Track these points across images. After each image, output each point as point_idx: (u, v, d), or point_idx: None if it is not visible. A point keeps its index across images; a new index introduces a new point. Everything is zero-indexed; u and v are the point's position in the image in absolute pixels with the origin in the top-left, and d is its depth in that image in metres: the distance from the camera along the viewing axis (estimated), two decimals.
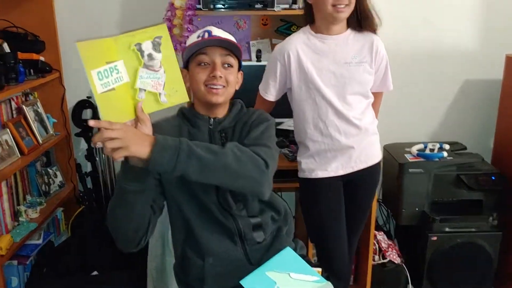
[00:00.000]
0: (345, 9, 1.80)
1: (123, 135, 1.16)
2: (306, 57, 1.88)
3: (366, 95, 1.97)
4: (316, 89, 1.88)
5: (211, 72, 1.46)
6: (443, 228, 2.56)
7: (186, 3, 2.38)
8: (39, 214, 2.53)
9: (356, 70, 1.89)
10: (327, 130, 1.92)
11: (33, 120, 2.59)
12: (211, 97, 1.47)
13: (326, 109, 1.90)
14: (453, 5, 2.88)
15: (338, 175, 1.98)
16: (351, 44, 1.91)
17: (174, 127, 1.53)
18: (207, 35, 1.47)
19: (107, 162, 2.95)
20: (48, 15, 2.70)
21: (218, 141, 1.52)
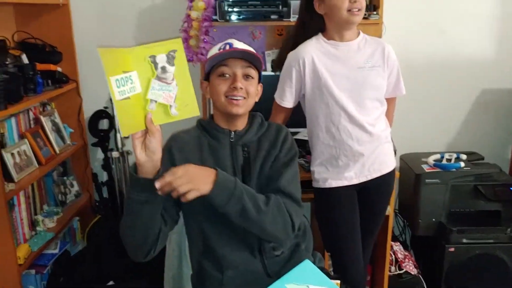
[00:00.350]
0: (359, 13, 1.84)
1: (189, 178, 1.28)
2: (320, 62, 1.89)
3: (381, 101, 1.97)
4: (329, 93, 1.89)
5: (232, 83, 1.47)
6: (461, 239, 2.53)
7: (203, 15, 2.39)
8: (55, 223, 2.56)
9: (369, 74, 1.90)
10: (339, 135, 1.92)
11: (51, 130, 2.62)
12: (232, 108, 1.48)
13: (339, 114, 1.90)
14: (469, 14, 2.87)
15: (351, 184, 1.98)
16: (363, 49, 1.93)
17: (193, 138, 1.54)
18: (228, 47, 1.49)
19: (123, 172, 2.96)
20: (65, 26, 2.73)
21: (240, 155, 1.52)
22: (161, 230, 1.41)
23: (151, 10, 2.81)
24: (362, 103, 1.90)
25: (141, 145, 1.26)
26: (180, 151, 1.49)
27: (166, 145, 1.51)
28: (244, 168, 1.52)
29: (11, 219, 2.21)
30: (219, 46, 1.51)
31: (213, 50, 1.53)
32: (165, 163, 1.41)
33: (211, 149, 1.52)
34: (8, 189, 2.13)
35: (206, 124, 1.57)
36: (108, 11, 2.81)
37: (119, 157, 2.93)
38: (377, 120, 1.96)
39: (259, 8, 2.42)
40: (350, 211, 2.00)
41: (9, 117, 2.29)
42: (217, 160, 1.50)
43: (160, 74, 1.27)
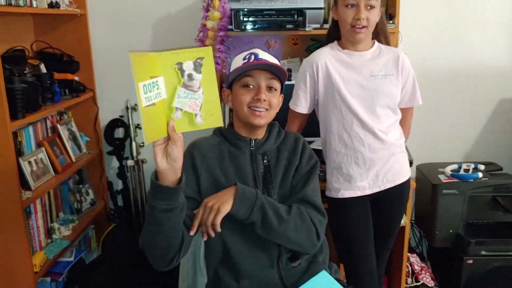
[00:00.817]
0: (362, 30, 1.84)
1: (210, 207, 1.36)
2: (334, 68, 1.91)
3: (394, 110, 1.96)
4: (342, 99, 1.89)
5: (255, 94, 1.48)
6: (479, 251, 2.48)
7: (218, 24, 2.40)
8: (71, 231, 2.57)
9: (383, 82, 1.90)
10: (351, 142, 1.91)
11: (67, 138, 2.64)
12: (254, 119, 1.49)
13: (351, 120, 1.90)
14: (487, 22, 2.84)
15: (365, 195, 1.96)
16: (377, 59, 1.93)
17: (213, 146, 1.55)
18: (253, 57, 1.49)
19: (138, 180, 2.97)
20: (83, 36, 2.77)
21: (260, 164, 1.54)
22: (184, 238, 1.40)
23: (167, 19, 2.83)
24: (374, 110, 1.90)
25: (162, 153, 1.26)
26: (202, 158, 1.50)
27: (188, 152, 1.51)
28: (265, 176, 1.53)
29: (28, 226, 2.23)
30: (244, 56, 1.52)
31: (237, 60, 1.54)
32: (188, 170, 1.45)
33: (232, 157, 1.53)
34: (25, 197, 2.15)
35: (226, 132, 1.58)
36: (125, 21, 2.84)
37: (134, 165, 2.93)
38: (389, 128, 1.94)
39: (274, 18, 2.42)
40: (363, 222, 1.98)
41: (27, 126, 2.32)
42: (238, 168, 1.51)
43: (187, 81, 1.26)
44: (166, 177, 1.27)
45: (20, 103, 2.10)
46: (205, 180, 1.48)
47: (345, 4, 1.84)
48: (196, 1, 2.62)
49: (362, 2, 1.80)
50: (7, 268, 2.16)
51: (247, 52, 1.54)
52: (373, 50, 1.95)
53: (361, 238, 1.97)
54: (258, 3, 2.40)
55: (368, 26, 1.84)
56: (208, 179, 1.49)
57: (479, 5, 2.81)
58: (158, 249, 1.38)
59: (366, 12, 1.81)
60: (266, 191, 1.51)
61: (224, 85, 1.62)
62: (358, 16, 1.81)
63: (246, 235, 1.46)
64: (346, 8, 1.83)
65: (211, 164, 1.49)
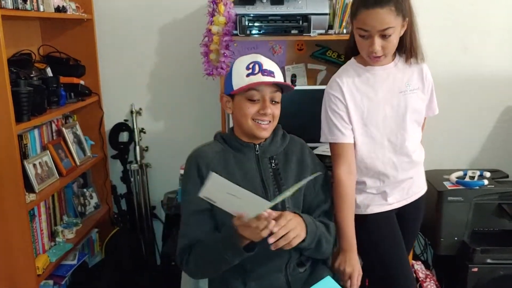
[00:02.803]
0: (380, 59, 1.68)
1: (290, 226, 1.36)
2: (360, 93, 1.74)
3: (420, 124, 1.87)
4: (373, 124, 1.75)
5: (261, 108, 1.49)
6: (485, 259, 2.45)
7: (223, 29, 2.40)
8: (75, 234, 2.57)
9: (411, 97, 1.78)
10: (383, 168, 1.80)
11: (72, 142, 2.65)
12: (259, 132, 1.51)
13: (383, 145, 1.78)
14: (493, 30, 2.82)
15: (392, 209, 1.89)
16: (402, 71, 1.78)
17: (217, 153, 1.55)
18: (257, 68, 1.48)
19: (141, 185, 2.98)
20: (89, 41, 2.79)
21: (267, 167, 1.55)
22: None
23: (172, 24, 2.84)
24: (406, 128, 1.78)
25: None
26: (207, 167, 1.51)
27: (193, 161, 1.53)
28: (275, 179, 1.55)
29: (31, 229, 2.23)
30: (247, 64, 1.50)
31: (240, 67, 1.51)
32: (195, 181, 1.49)
33: (238, 162, 1.54)
34: (29, 199, 2.15)
35: (228, 139, 1.58)
36: (131, 26, 2.86)
37: (138, 169, 2.96)
38: (417, 145, 1.87)
39: (279, 23, 2.42)
40: (396, 231, 1.88)
41: (32, 129, 2.33)
42: (245, 173, 1.53)
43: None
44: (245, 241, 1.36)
45: (26, 106, 2.11)
46: None
47: (358, 34, 1.64)
48: (202, 7, 2.62)
49: (376, 33, 1.59)
50: (10, 270, 2.16)
51: (249, 59, 1.52)
52: (396, 62, 1.78)
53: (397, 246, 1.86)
54: (263, 8, 2.40)
55: (386, 54, 1.66)
56: None
57: (485, 12, 2.80)
58: (206, 275, 1.58)
59: (381, 41, 1.60)
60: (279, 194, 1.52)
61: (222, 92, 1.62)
62: (372, 48, 1.61)
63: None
64: (359, 38, 1.64)
65: (217, 172, 1.48)
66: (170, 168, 2.89)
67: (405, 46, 1.73)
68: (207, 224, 1.49)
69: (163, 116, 2.99)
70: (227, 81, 1.55)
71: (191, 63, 2.78)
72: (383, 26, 1.57)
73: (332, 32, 2.49)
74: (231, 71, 1.55)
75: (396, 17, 1.58)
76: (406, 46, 1.73)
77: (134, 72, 2.91)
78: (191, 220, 1.49)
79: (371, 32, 1.59)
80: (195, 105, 2.93)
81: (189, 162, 1.54)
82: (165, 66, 2.91)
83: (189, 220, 1.50)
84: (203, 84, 2.71)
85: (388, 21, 1.57)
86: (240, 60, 1.54)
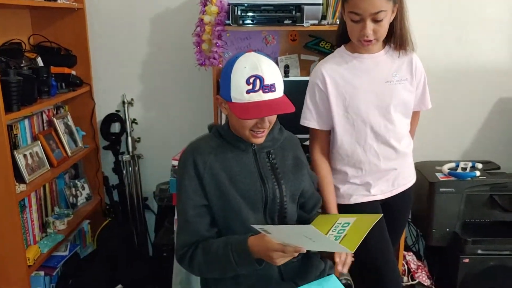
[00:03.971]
0: (371, 43, 1.69)
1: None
2: (344, 80, 1.77)
3: (408, 115, 1.87)
4: (355, 112, 1.77)
5: (259, 122, 1.45)
6: (476, 250, 2.47)
7: (215, 19, 2.38)
8: (66, 226, 2.55)
9: (397, 88, 1.78)
10: (365, 156, 1.82)
11: (63, 132, 2.63)
12: (255, 140, 1.50)
13: (365, 133, 1.80)
14: (486, 20, 2.81)
15: (377, 200, 1.90)
16: (391, 61, 1.80)
17: (214, 149, 1.52)
18: (258, 84, 1.39)
19: (133, 176, 2.97)
20: (80, 30, 2.75)
21: (264, 162, 1.56)
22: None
23: (164, 14, 2.82)
24: (390, 119, 1.79)
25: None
26: (204, 163, 1.49)
27: (190, 157, 1.51)
28: (274, 173, 1.56)
29: (22, 220, 2.22)
30: (247, 78, 1.39)
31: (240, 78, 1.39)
32: (192, 177, 1.48)
33: (235, 157, 1.53)
34: (20, 190, 2.13)
35: (225, 135, 1.55)
36: (122, 16, 2.83)
37: (130, 160, 2.94)
38: (403, 136, 1.87)
39: (272, 13, 2.40)
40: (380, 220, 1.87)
41: (22, 119, 2.30)
42: (243, 166, 1.52)
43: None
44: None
45: (15, 96, 2.08)
46: (209, 184, 1.48)
47: (350, 18, 1.65)
48: None
49: (368, 17, 1.61)
50: (0, 261, 2.14)
51: (250, 70, 1.39)
52: (385, 51, 1.80)
53: (382, 245, 1.86)
54: None
55: (377, 38, 1.67)
56: (211, 182, 1.48)
57: (479, 2, 2.79)
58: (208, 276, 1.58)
59: (373, 25, 1.62)
60: (277, 188, 1.54)
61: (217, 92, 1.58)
62: (364, 32, 1.62)
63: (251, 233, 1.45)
64: (351, 22, 1.66)
65: (215, 168, 1.49)
66: (162, 159, 2.88)
67: (394, 33, 1.74)
68: (206, 218, 1.50)
69: (155, 106, 2.97)
70: (224, 84, 1.45)
71: (183, 53, 2.76)
72: (375, 9, 1.59)
73: (326, 23, 2.47)
74: (229, 76, 1.42)
75: (388, 1, 1.61)
76: (396, 33, 1.74)
77: (126, 62, 2.89)
78: (190, 216, 1.48)
79: (363, 15, 1.61)
80: (188, 95, 2.91)
81: (185, 158, 1.51)
82: (157, 56, 2.88)
83: (188, 215, 1.48)
84: (195, 74, 2.70)
85: (380, 5, 1.59)
86: (240, 69, 1.41)
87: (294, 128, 1.78)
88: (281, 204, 1.55)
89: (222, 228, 1.53)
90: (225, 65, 1.47)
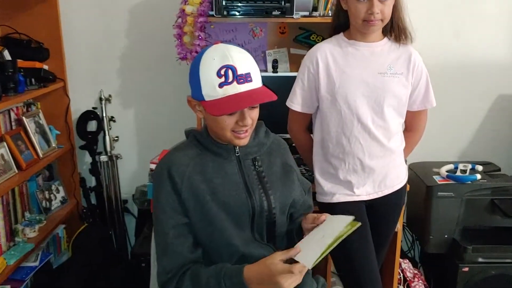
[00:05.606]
0: (377, 23, 1.67)
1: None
2: (336, 65, 1.74)
3: (401, 113, 1.81)
4: (343, 99, 1.72)
5: (240, 119, 1.30)
6: (476, 258, 2.36)
7: (198, 9, 2.22)
8: (37, 233, 2.38)
9: (391, 81, 1.74)
10: (349, 148, 1.76)
11: (34, 132, 2.44)
12: (238, 141, 1.35)
13: (352, 123, 1.74)
14: (486, 15, 2.69)
15: (360, 200, 1.81)
16: (387, 53, 1.76)
17: (192, 159, 1.36)
18: (231, 75, 1.24)
19: (112, 177, 2.80)
20: (53, 21, 2.55)
21: (250, 170, 1.41)
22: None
23: (144, 4, 2.64)
24: (380, 113, 1.74)
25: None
26: (181, 176, 1.33)
27: (165, 171, 1.34)
28: (261, 183, 1.41)
29: None
30: (217, 70, 1.24)
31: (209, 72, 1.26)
32: (169, 193, 1.32)
33: (217, 167, 1.37)
34: None
35: (204, 141, 1.39)
36: (99, 5, 2.64)
37: (108, 161, 2.79)
38: (392, 133, 1.79)
39: (260, 3, 2.23)
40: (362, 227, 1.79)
41: None
42: (226, 177, 1.37)
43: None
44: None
45: None
46: (188, 199, 1.32)
47: None
48: None
49: None
50: None
51: (218, 61, 1.25)
52: (383, 43, 1.77)
53: (361, 241, 1.78)
54: None
55: (383, 19, 1.67)
56: (191, 197, 1.32)
57: None
58: None
59: (380, 4, 1.64)
60: (265, 199, 1.39)
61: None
62: (372, 10, 1.63)
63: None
64: (357, 2, 1.65)
65: (194, 181, 1.32)
66: (142, 159, 2.79)
67: (393, 22, 1.74)
68: (188, 238, 1.34)
69: (135, 103, 2.80)
70: (193, 83, 1.31)
71: (164, 47, 2.59)
72: None
73: (317, 14, 2.33)
74: (197, 72, 1.28)
75: None
76: (394, 22, 1.74)
77: (103, 55, 2.71)
78: (171, 237, 1.33)
79: None
80: (169, 91, 2.75)
81: (160, 171, 1.35)
82: (137, 49, 2.71)
83: (168, 237, 1.33)
84: (177, 69, 2.52)
85: None
86: (208, 62, 1.27)
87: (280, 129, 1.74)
88: (269, 217, 1.40)
89: (206, 248, 1.38)
90: (192, 62, 1.33)
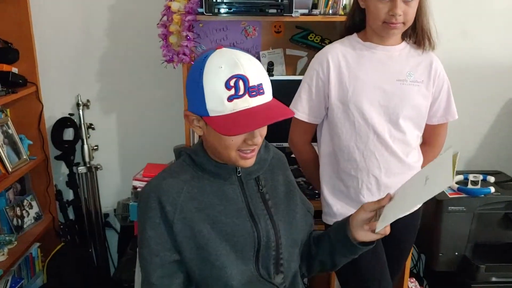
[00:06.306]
0: (398, 26, 1.53)
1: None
2: (349, 70, 1.58)
3: (419, 125, 1.65)
4: (357, 109, 1.57)
5: (249, 138, 1.11)
6: (489, 277, 2.23)
7: (186, 7, 2.02)
8: (6, 256, 2.18)
9: (411, 90, 1.59)
10: (364, 163, 1.61)
11: (1, 143, 2.22)
12: (244, 163, 1.15)
13: (366, 136, 1.59)
14: (495, 14, 2.55)
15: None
16: (406, 58, 1.62)
17: (186, 183, 1.16)
18: (242, 87, 1.05)
19: (91, 190, 2.61)
20: (23, 19, 2.35)
21: (253, 191, 1.23)
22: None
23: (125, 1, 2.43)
24: (396, 123, 1.59)
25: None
26: (174, 205, 1.13)
27: (154, 198, 1.14)
28: (266, 208, 1.23)
29: None
30: (226, 79, 1.04)
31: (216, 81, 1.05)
32: (157, 224, 1.13)
33: (215, 189, 1.18)
34: None
35: (200, 161, 1.19)
36: (75, 1, 2.43)
37: (87, 172, 2.60)
38: (411, 148, 1.64)
39: (254, 0, 2.04)
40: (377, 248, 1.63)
41: None
42: (227, 202, 1.18)
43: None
44: None
45: None
46: (180, 232, 1.13)
47: None
48: None
49: None
50: None
51: (227, 69, 1.05)
52: (402, 46, 1.62)
53: (379, 265, 1.66)
54: None
55: (405, 22, 1.53)
56: (184, 230, 1.13)
57: None
58: None
59: (403, 5, 1.49)
60: (271, 227, 1.21)
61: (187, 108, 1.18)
62: (394, 11, 1.48)
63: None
64: (377, 1, 1.50)
65: (188, 211, 1.13)
66: (125, 170, 2.64)
67: (417, 26, 1.60)
68: (178, 278, 1.16)
69: (115, 109, 2.60)
70: (194, 96, 1.10)
71: (148, 48, 2.40)
72: None
73: (317, 12, 2.13)
74: (199, 82, 1.07)
75: None
76: (417, 26, 1.60)
77: (80, 57, 2.51)
78: (157, 278, 1.14)
79: None
80: (153, 96, 2.56)
81: (147, 199, 1.14)
82: (117, 50, 2.51)
83: (154, 278, 1.14)
84: (163, 72, 2.33)
85: None
86: (213, 70, 1.06)
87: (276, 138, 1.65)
88: (276, 248, 1.21)
89: (199, 284, 1.19)
90: (191, 71, 1.12)
